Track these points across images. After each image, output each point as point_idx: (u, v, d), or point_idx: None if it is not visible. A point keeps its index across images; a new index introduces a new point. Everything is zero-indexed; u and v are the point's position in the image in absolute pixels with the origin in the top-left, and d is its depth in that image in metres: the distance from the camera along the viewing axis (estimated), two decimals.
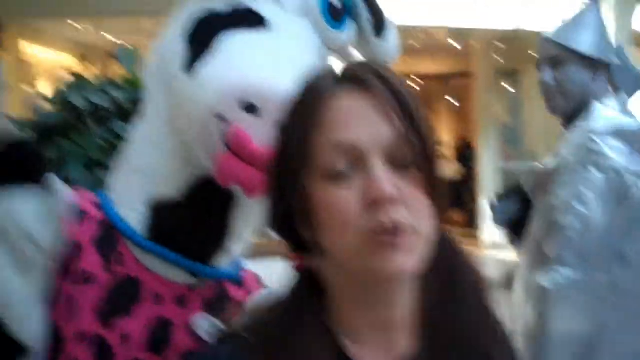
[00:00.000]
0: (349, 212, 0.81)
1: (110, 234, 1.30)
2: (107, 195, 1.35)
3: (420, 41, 11.24)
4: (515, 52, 11.64)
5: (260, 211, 1.33)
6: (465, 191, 12.42)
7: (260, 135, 1.07)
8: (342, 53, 1.38)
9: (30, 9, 8.21)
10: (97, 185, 1.56)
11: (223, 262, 1.36)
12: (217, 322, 1.32)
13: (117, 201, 1.33)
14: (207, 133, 1.13)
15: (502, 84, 12.45)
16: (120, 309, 1.27)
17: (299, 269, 0.91)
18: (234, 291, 1.40)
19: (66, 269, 1.26)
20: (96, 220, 1.31)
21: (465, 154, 13.00)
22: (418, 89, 13.95)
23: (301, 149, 0.84)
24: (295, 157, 0.85)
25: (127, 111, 2.32)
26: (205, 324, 1.33)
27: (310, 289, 0.89)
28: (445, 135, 15.54)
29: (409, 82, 0.81)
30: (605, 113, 2.04)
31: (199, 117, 1.14)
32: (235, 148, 1.10)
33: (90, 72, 5.42)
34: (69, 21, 9.15)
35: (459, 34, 10.54)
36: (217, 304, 1.36)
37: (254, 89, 1.09)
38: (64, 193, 1.29)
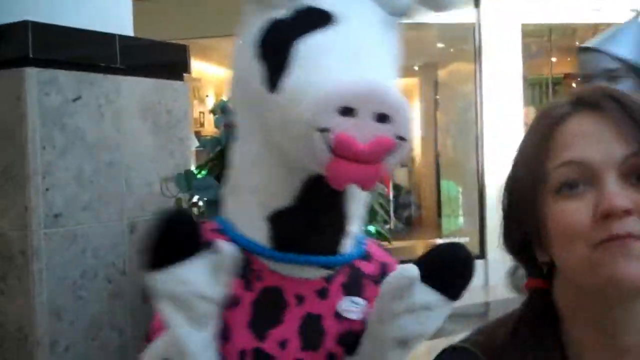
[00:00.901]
0: (580, 224, 0.82)
1: (245, 255, 1.35)
2: (226, 219, 1.41)
3: (584, 40, 10.86)
4: None
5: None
6: None
7: (363, 133, 1.11)
8: (410, 14, 1.38)
9: (198, 27, 8.71)
10: None
11: (348, 244, 1.40)
12: (360, 300, 1.42)
13: (236, 222, 1.38)
14: (311, 146, 1.13)
15: None
16: (271, 319, 1.34)
17: (532, 288, 0.94)
18: (365, 267, 1.46)
19: None
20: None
21: None
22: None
23: (536, 171, 0.88)
24: (530, 179, 0.89)
25: None
26: (351, 306, 1.41)
27: (544, 310, 0.91)
28: None
29: None
30: None
31: (299, 133, 1.14)
32: (342, 152, 1.11)
33: None
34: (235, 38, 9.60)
35: None
36: (354, 285, 1.42)
37: (348, 94, 1.11)
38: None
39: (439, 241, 9.58)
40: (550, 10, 8.50)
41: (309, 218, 1.33)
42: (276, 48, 1.23)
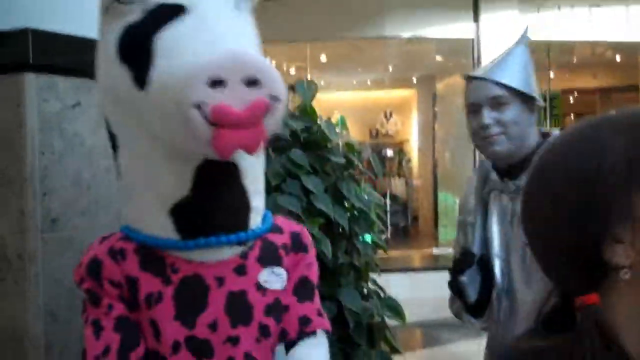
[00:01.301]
0: None
1: (151, 253, 1.42)
2: (127, 226, 1.47)
3: (582, 56, 10.93)
4: None
5: (262, 159, 1.49)
6: None
7: (237, 100, 1.16)
8: None
9: None
10: (273, 208, 1.69)
11: (257, 220, 1.48)
12: (280, 270, 1.50)
13: (141, 225, 1.44)
14: (190, 125, 1.17)
15: None
16: (196, 305, 1.41)
17: (586, 305, 0.90)
18: (277, 239, 1.53)
19: (137, 304, 1.41)
20: (132, 251, 1.43)
21: None
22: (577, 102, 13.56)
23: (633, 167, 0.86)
24: (624, 172, 0.86)
25: (301, 140, 2.46)
26: (272, 277, 1.48)
27: (596, 326, 0.89)
28: None
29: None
30: None
31: (176, 116, 1.18)
32: (221, 122, 1.16)
33: None
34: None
35: (624, 47, 10.16)
36: (270, 256, 1.50)
37: (213, 65, 1.15)
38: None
39: (435, 251, 9.59)
40: (548, 27, 8.55)
41: (209, 202, 1.39)
42: (136, 48, 1.28)
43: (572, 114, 14.59)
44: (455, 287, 2.03)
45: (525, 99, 1.95)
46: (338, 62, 11.10)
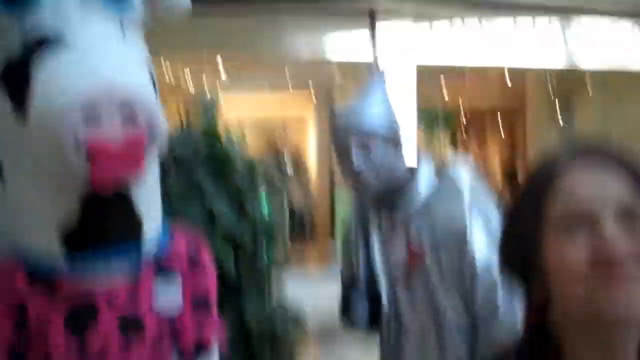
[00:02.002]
0: (577, 266, 0.88)
1: (40, 276, 1.36)
2: (20, 255, 1.39)
3: (474, 79, 11.34)
4: (568, 88, 11.62)
5: (156, 177, 1.45)
6: None
7: (114, 134, 1.14)
8: (141, 16, 1.40)
9: None
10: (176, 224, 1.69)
11: (152, 238, 1.44)
12: (174, 289, 1.47)
13: (31, 254, 1.37)
14: (69, 164, 1.15)
15: (555, 118, 12.41)
16: (87, 330, 1.35)
17: (531, 321, 0.96)
18: (173, 256, 1.50)
19: (24, 329, 1.35)
20: (20, 275, 1.36)
21: (514, 184, 13.07)
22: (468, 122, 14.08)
23: (537, 212, 0.93)
24: (531, 218, 0.94)
25: (205, 156, 2.48)
26: (165, 297, 1.45)
27: (542, 341, 0.95)
28: (496, 166, 15.61)
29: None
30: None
31: (54, 153, 1.16)
32: (99, 159, 1.14)
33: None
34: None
35: (514, 72, 10.57)
36: (164, 275, 1.47)
37: (90, 101, 1.13)
38: None
39: (333, 258, 9.50)
40: (443, 54, 8.79)
41: (99, 228, 1.34)
42: (15, 79, 1.25)
43: (463, 133, 15.10)
44: (346, 317, 2.13)
45: (389, 136, 2.03)
46: (237, 74, 11.06)
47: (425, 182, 2.03)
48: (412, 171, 2.07)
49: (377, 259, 2.06)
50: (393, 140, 2.04)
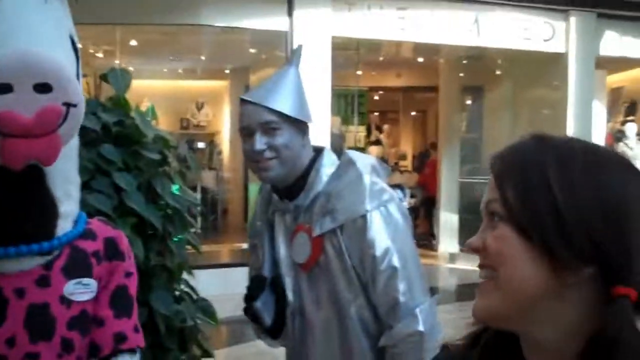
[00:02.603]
0: None
1: None
2: None
3: (387, 55, 11.43)
4: (479, 69, 11.90)
5: (75, 160, 1.39)
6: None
7: (27, 107, 1.11)
8: None
9: None
10: (81, 207, 1.58)
11: (66, 226, 1.40)
12: (89, 280, 1.43)
13: None
14: None
15: (465, 99, 12.70)
16: None
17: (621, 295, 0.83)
18: (88, 245, 1.45)
19: None
20: None
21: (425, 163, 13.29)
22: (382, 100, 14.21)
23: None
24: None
25: (113, 134, 2.32)
26: (78, 288, 1.41)
27: None
28: (408, 147, 15.84)
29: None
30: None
31: None
32: (8, 130, 1.12)
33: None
34: None
35: (426, 49, 10.75)
36: (78, 265, 1.42)
37: (1, 70, 1.11)
38: None
39: (246, 246, 9.56)
40: (359, 26, 8.81)
41: (9, 210, 1.30)
42: None
43: (377, 112, 15.25)
44: (250, 314, 2.04)
45: (296, 122, 1.96)
46: (149, 49, 10.77)
47: (327, 170, 1.99)
48: (316, 159, 2.02)
49: (282, 249, 2.03)
50: (300, 128, 1.98)
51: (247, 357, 5.91)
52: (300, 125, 1.97)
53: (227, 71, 12.89)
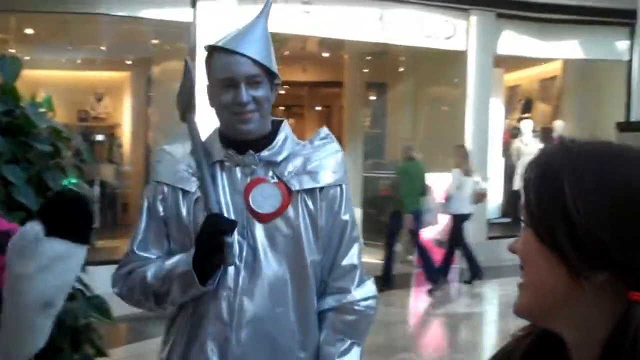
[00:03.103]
0: None
1: None
2: None
3: (293, 50, 11.41)
4: (383, 65, 12.06)
5: None
6: None
7: None
8: None
9: None
10: None
11: None
12: None
13: None
14: None
15: (369, 95, 12.85)
16: None
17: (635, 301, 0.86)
18: None
19: None
20: None
21: None
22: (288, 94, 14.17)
23: None
24: None
25: (3, 124, 2.21)
26: None
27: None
28: None
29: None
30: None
31: None
32: None
33: None
34: None
35: (331, 44, 10.81)
36: None
37: None
38: None
39: None
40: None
41: None
42: None
43: (282, 106, 15.24)
44: (214, 247, 1.86)
45: (272, 77, 1.97)
46: (46, 38, 10.37)
47: (293, 136, 2.07)
48: (279, 122, 2.08)
49: (229, 198, 1.96)
50: (273, 84, 1.98)
51: (148, 354, 5.77)
52: (273, 82, 1.98)
53: (128, 62, 12.57)
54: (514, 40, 10.97)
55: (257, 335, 1.91)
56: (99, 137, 12.79)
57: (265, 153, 1.98)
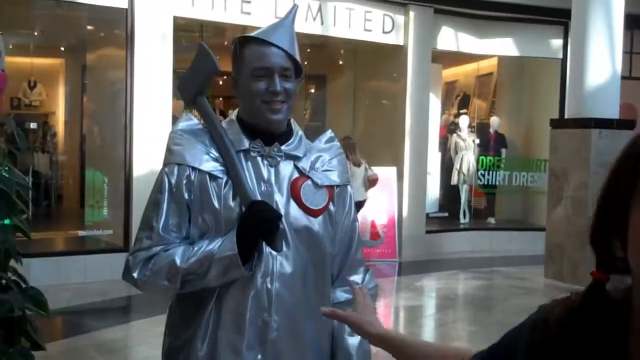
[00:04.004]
0: None
1: None
2: None
3: (232, 40, 11.29)
4: (323, 58, 12.06)
5: None
6: None
7: None
8: None
9: None
10: None
11: None
12: None
13: None
14: None
15: (309, 87, 12.83)
16: None
17: (598, 280, 1.00)
18: None
19: None
20: None
21: None
22: (226, 85, 14.03)
23: (631, 185, 0.94)
24: (624, 190, 0.95)
25: None
26: None
27: (604, 301, 0.99)
28: None
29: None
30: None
31: None
32: None
33: None
34: None
35: None
36: None
37: None
38: None
39: (82, 233, 9.14)
40: (202, 7, 8.65)
41: None
42: None
43: (221, 97, 15.10)
44: (270, 231, 1.89)
45: (297, 73, 2.03)
46: None
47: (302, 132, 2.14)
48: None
49: (255, 187, 1.98)
50: (297, 81, 2.05)
51: (84, 348, 5.66)
52: (299, 79, 2.06)
53: (63, 48, 12.26)
54: (451, 36, 11.12)
55: (290, 321, 1.97)
56: (32, 125, 12.43)
57: (287, 147, 2.03)
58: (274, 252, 1.93)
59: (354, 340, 2.07)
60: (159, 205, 1.96)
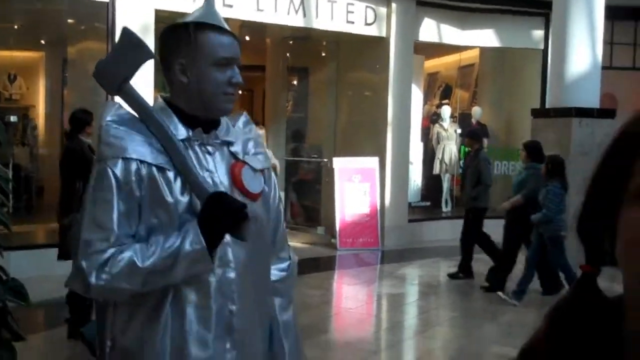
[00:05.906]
0: None
1: None
2: None
3: None
4: (305, 50, 12.05)
5: None
6: None
7: None
8: None
9: None
10: None
11: None
12: None
13: None
14: None
15: (291, 79, 12.80)
16: None
17: (587, 273, 0.96)
18: None
19: None
20: None
21: None
22: None
23: (622, 174, 0.89)
24: (615, 180, 0.90)
25: None
26: None
27: (594, 295, 0.95)
28: None
29: None
30: None
31: None
32: None
33: None
34: None
35: (253, 28, 10.72)
36: None
37: None
38: None
39: (53, 225, 8.96)
40: (184, 1, 8.61)
41: None
42: None
43: None
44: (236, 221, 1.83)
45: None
46: None
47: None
48: None
49: (218, 176, 1.94)
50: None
51: (64, 340, 5.64)
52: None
53: (43, 42, 12.16)
54: (433, 28, 11.14)
55: (248, 306, 1.95)
56: (13, 119, 12.32)
57: (219, 133, 1.96)
58: (226, 240, 1.86)
59: (287, 317, 2.12)
60: (110, 203, 1.81)
